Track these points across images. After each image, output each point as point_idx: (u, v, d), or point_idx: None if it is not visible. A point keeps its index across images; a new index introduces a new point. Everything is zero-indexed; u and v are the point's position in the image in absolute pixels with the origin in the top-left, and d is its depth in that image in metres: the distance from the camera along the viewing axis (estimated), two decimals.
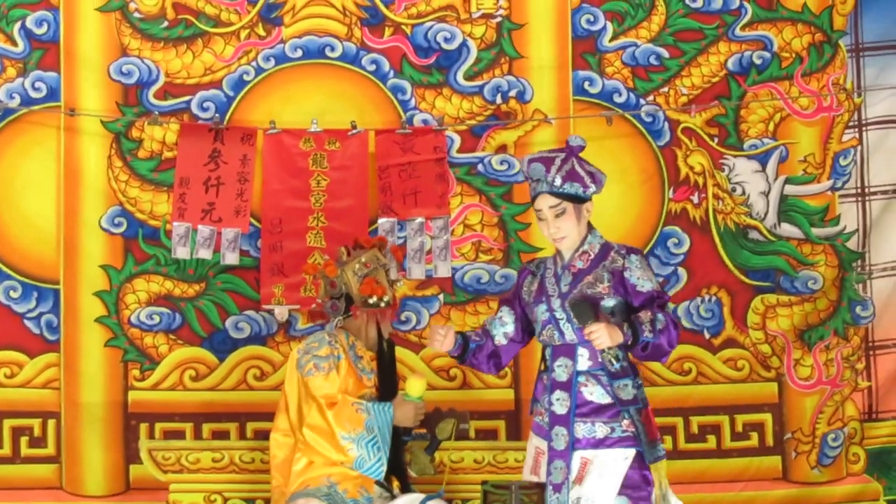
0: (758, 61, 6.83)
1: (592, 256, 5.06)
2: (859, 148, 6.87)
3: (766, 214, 6.82)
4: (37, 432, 6.58)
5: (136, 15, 6.69)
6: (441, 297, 6.73)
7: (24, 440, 6.58)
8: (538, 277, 5.18)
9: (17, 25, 6.63)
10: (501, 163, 6.76)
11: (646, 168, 6.81)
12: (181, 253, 6.57)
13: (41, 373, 6.58)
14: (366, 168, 6.66)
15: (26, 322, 6.59)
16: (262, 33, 6.75)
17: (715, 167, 6.80)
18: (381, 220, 6.62)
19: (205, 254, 6.59)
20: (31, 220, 6.62)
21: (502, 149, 6.77)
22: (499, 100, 6.79)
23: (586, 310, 4.90)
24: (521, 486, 4.94)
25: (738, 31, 6.83)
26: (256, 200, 6.63)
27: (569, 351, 5.03)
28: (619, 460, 4.94)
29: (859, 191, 6.86)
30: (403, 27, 6.78)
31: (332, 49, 6.76)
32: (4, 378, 6.57)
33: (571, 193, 5.00)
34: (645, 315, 4.89)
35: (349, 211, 6.63)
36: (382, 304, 5.52)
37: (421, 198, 6.64)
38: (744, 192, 6.82)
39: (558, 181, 4.98)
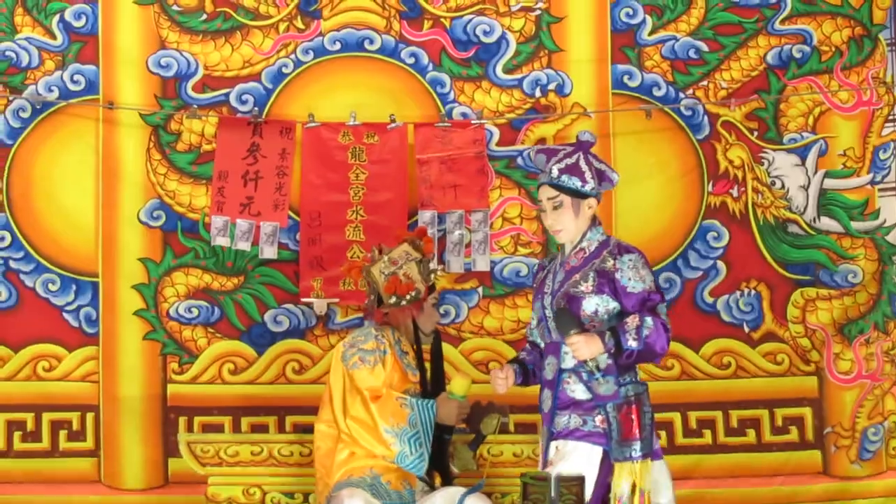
0: (797, 55, 6.81)
1: (587, 254, 4.98)
2: None
3: (805, 208, 6.80)
4: (75, 426, 6.57)
5: (175, 8, 6.70)
6: (480, 290, 6.73)
7: (62, 434, 6.57)
8: (545, 272, 5.14)
9: (56, 18, 6.63)
10: None
11: (685, 162, 6.78)
12: (220, 242, 6.57)
13: (80, 366, 6.58)
14: (405, 161, 6.64)
15: (65, 315, 6.59)
16: (301, 26, 6.74)
17: (754, 161, 6.78)
18: (420, 213, 6.60)
19: (243, 247, 6.58)
20: (69, 213, 6.62)
21: (541, 142, 6.73)
22: (538, 93, 6.77)
23: (568, 320, 4.83)
24: (560, 477, 4.90)
25: (777, 25, 6.81)
26: (295, 194, 6.62)
27: (555, 349, 4.97)
28: (584, 455, 4.85)
29: None
30: (442, 20, 6.77)
31: (371, 42, 6.75)
32: (43, 371, 6.57)
33: (569, 187, 4.94)
34: (632, 321, 4.79)
35: (388, 204, 6.62)
36: (404, 303, 5.50)
37: (460, 191, 6.63)
38: (783, 186, 6.80)
39: (555, 173, 4.94)
